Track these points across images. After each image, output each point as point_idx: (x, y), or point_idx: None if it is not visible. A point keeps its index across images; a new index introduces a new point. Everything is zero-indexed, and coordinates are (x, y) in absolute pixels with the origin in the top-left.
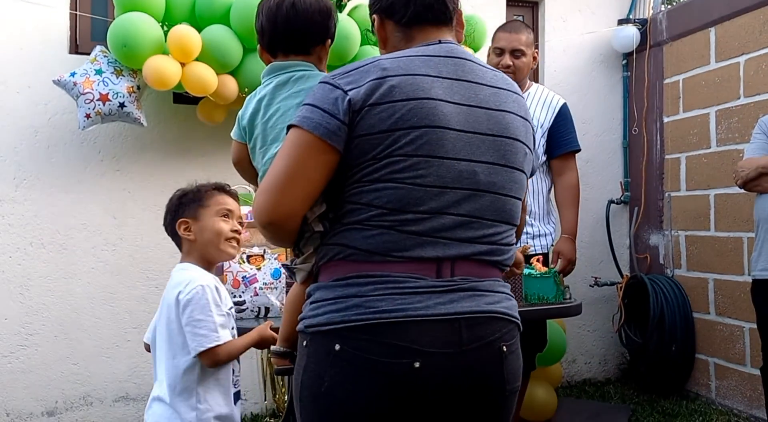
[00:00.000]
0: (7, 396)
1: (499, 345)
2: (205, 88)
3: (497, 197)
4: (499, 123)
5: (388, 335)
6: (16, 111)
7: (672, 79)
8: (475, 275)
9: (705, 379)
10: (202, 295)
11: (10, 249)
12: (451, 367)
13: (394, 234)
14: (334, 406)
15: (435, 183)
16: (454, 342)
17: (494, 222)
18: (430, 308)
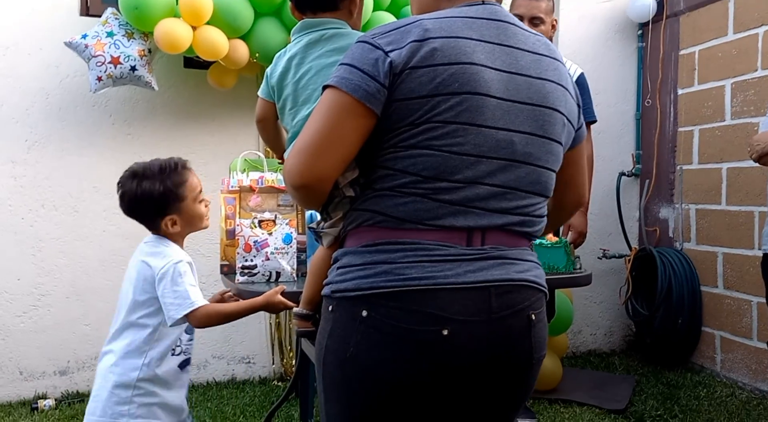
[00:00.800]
0: (20, 354)
1: (528, 313)
2: (216, 52)
3: (533, 169)
4: (539, 92)
5: (416, 302)
6: (28, 73)
7: (688, 50)
8: (504, 244)
9: (710, 352)
10: (177, 268)
11: (22, 211)
12: (480, 335)
13: (427, 203)
14: (360, 372)
15: (472, 151)
16: (483, 309)
17: (528, 194)
18: (460, 276)
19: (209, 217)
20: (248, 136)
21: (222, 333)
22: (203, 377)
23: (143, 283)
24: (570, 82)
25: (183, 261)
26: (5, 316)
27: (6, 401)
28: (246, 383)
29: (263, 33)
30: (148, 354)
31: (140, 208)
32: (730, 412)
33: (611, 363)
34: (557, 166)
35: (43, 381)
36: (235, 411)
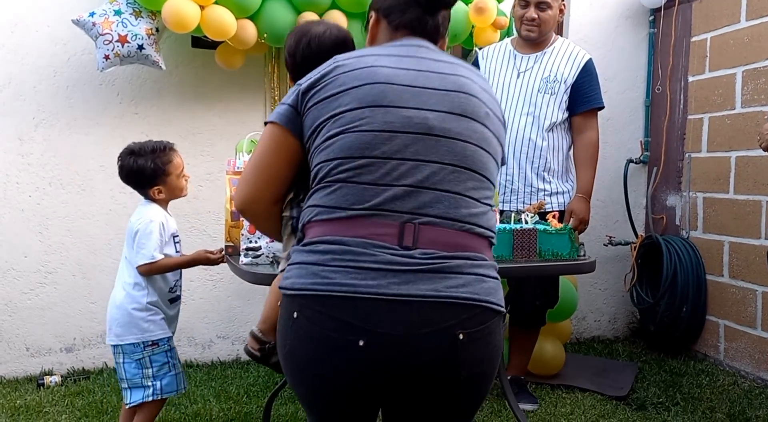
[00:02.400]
0: (27, 331)
1: (454, 332)
2: (224, 32)
3: (455, 142)
4: (454, 82)
5: (337, 309)
6: (36, 50)
7: (699, 37)
8: (443, 247)
9: (714, 341)
10: (148, 227)
11: (29, 189)
12: (397, 350)
13: (351, 187)
14: (295, 368)
15: (383, 128)
16: (402, 323)
17: (456, 168)
18: (383, 287)
19: (187, 188)
20: (255, 116)
21: (227, 313)
22: (208, 357)
23: (128, 237)
24: (492, 91)
25: (154, 221)
26: (12, 293)
27: (13, 377)
28: (250, 363)
29: (271, 13)
30: (146, 286)
31: (135, 179)
32: (732, 400)
33: (614, 350)
34: (489, 146)
35: (49, 357)
36: (239, 391)
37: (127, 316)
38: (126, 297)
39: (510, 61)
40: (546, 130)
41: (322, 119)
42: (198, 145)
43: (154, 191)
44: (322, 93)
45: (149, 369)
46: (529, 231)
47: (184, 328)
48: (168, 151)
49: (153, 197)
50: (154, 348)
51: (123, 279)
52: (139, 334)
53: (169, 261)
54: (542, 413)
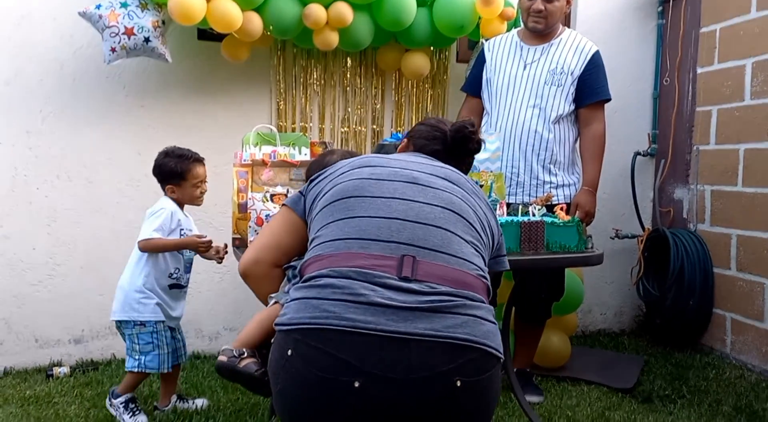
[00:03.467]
0: (36, 323)
1: (452, 378)
2: (230, 24)
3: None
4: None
5: (333, 344)
6: (42, 43)
7: (708, 28)
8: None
9: (720, 334)
10: (158, 211)
11: (37, 182)
12: (392, 394)
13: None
14: (285, 407)
15: (370, 176)
16: (399, 366)
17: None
18: (381, 324)
19: (202, 200)
20: (261, 110)
21: (234, 306)
22: (215, 348)
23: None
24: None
25: (165, 208)
26: (21, 285)
27: (22, 368)
28: None
29: (277, 5)
30: (147, 269)
31: (158, 173)
32: (738, 393)
33: (620, 343)
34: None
35: (58, 349)
36: None
37: (124, 297)
38: (127, 279)
39: (516, 52)
40: (552, 122)
41: (318, 192)
42: (204, 138)
43: (168, 189)
44: (322, 176)
45: (137, 345)
46: (537, 224)
47: (192, 320)
48: (192, 161)
49: (167, 193)
50: (141, 328)
51: (130, 261)
52: (130, 313)
53: (161, 241)
54: (548, 405)
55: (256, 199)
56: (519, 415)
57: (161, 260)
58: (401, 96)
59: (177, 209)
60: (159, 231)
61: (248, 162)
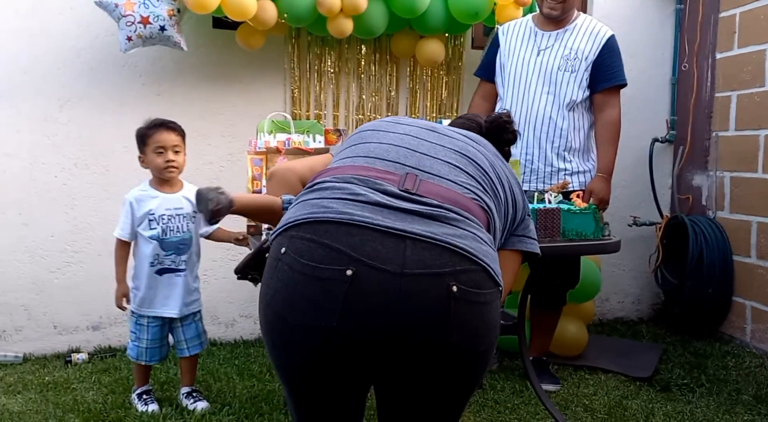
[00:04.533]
0: (55, 309)
1: (448, 282)
2: (245, 12)
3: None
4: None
5: (329, 235)
6: (59, 32)
7: (728, 12)
8: (442, 199)
9: (740, 322)
10: (124, 204)
11: (56, 169)
12: (386, 287)
13: (356, 147)
14: (274, 319)
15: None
16: (395, 260)
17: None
18: (378, 220)
19: (171, 172)
20: (276, 98)
21: (249, 292)
22: (231, 335)
23: None
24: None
25: (127, 199)
26: (40, 272)
27: (41, 354)
28: None
29: None
30: (134, 262)
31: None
32: (759, 383)
33: (638, 332)
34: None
35: (76, 335)
36: (262, 369)
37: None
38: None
39: (531, 38)
40: (567, 108)
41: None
42: (219, 125)
43: (139, 159)
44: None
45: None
46: (553, 211)
47: (208, 308)
48: (156, 127)
49: (142, 164)
50: (130, 317)
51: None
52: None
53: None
54: (565, 393)
55: None
56: (535, 403)
57: (141, 249)
58: (416, 83)
59: (141, 194)
60: (123, 228)
61: (263, 150)
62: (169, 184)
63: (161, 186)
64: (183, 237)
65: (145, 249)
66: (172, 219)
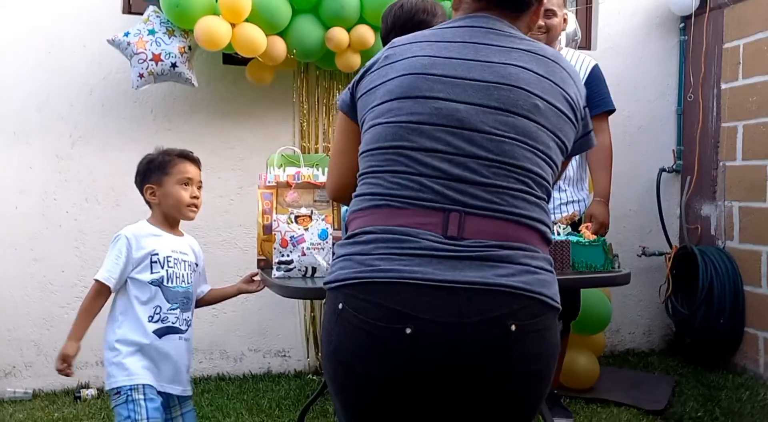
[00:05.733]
0: None
1: (506, 322)
2: (255, 48)
3: (488, 137)
4: (498, 73)
5: (382, 295)
6: (73, 69)
7: (732, 43)
8: (491, 237)
9: (753, 353)
10: (115, 241)
11: (67, 205)
12: (447, 338)
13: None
14: (341, 365)
15: (410, 119)
16: (451, 311)
17: (492, 163)
18: (428, 273)
19: (193, 210)
20: (285, 131)
21: (258, 326)
22: (239, 370)
23: None
24: (560, 76)
25: (122, 235)
26: (51, 307)
27: (51, 390)
28: (281, 376)
29: (300, 29)
30: (119, 318)
31: (138, 175)
32: None
33: (650, 363)
34: (535, 140)
35: (86, 371)
36: (270, 404)
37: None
38: (106, 328)
39: None
40: None
41: (364, 112)
42: (229, 160)
43: (147, 190)
44: (368, 84)
45: (115, 419)
46: (562, 243)
47: (216, 342)
48: (178, 156)
49: (149, 200)
50: (117, 398)
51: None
52: (107, 380)
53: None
54: None
55: (281, 220)
56: None
57: (134, 299)
58: None
59: (142, 231)
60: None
61: (273, 184)
62: (175, 226)
63: (165, 226)
64: (187, 289)
65: (140, 299)
66: (178, 265)
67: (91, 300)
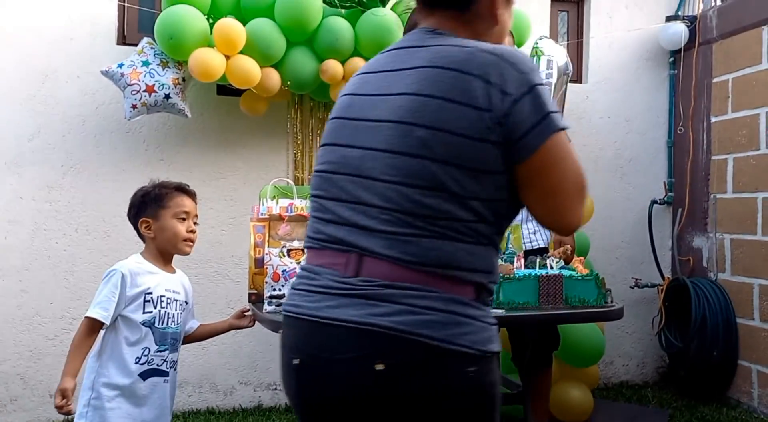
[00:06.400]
0: (51, 378)
1: (373, 361)
2: (249, 80)
3: (378, 184)
4: (389, 107)
5: (287, 327)
6: (66, 100)
7: (721, 78)
8: (382, 277)
9: (747, 386)
10: (109, 276)
11: (57, 235)
12: (322, 372)
13: (312, 221)
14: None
15: (326, 168)
16: (329, 347)
17: (384, 211)
18: (320, 310)
19: (189, 245)
20: (279, 162)
21: (248, 359)
22: (230, 403)
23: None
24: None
25: (117, 271)
26: (38, 339)
27: None
28: (272, 410)
29: (295, 61)
30: (103, 358)
31: (133, 204)
32: None
33: (644, 396)
34: (420, 180)
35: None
36: None
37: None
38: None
39: None
40: None
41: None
42: (222, 190)
43: (142, 224)
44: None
45: None
46: (555, 278)
47: (206, 374)
48: (176, 190)
49: (144, 235)
50: None
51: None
52: (77, 419)
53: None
54: None
55: (273, 254)
56: None
57: (122, 340)
58: None
59: (137, 267)
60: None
61: (265, 216)
62: (168, 261)
63: (159, 262)
64: (176, 330)
65: (129, 340)
66: (170, 305)
67: (83, 337)
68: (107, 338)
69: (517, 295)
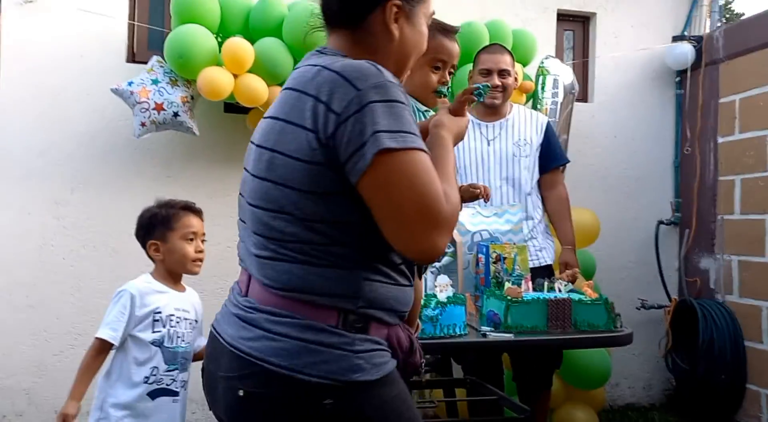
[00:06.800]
0: (56, 394)
1: (237, 385)
2: (256, 99)
3: (247, 207)
4: (258, 130)
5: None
6: (75, 117)
7: (728, 98)
8: (256, 298)
9: (755, 411)
10: (119, 297)
11: (63, 251)
12: (210, 387)
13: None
14: None
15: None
16: (216, 360)
17: (252, 234)
18: (218, 324)
19: (198, 265)
20: None
21: None
22: None
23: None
24: (306, 104)
25: (127, 291)
26: (43, 355)
27: None
28: None
29: None
30: (112, 378)
31: (140, 226)
32: None
33: (650, 419)
34: (268, 202)
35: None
36: None
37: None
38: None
39: (476, 130)
40: (527, 193)
41: None
42: (227, 207)
43: (151, 246)
44: None
45: None
46: (564, 301)
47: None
48: (182, 209)
49: (153, 257)
50: None
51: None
52: None
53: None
54: None
55: None
56: None
57: (131, 360)
58: None
59: (146, 287)
60: (113, 328)
61: None
62: (178, 280)
63: (169, 282)
64: (186, 350)
65: (138, 360)
66: (180, 324)
67: (93, 358)
68: (116, 358)
69: (525, 319)
